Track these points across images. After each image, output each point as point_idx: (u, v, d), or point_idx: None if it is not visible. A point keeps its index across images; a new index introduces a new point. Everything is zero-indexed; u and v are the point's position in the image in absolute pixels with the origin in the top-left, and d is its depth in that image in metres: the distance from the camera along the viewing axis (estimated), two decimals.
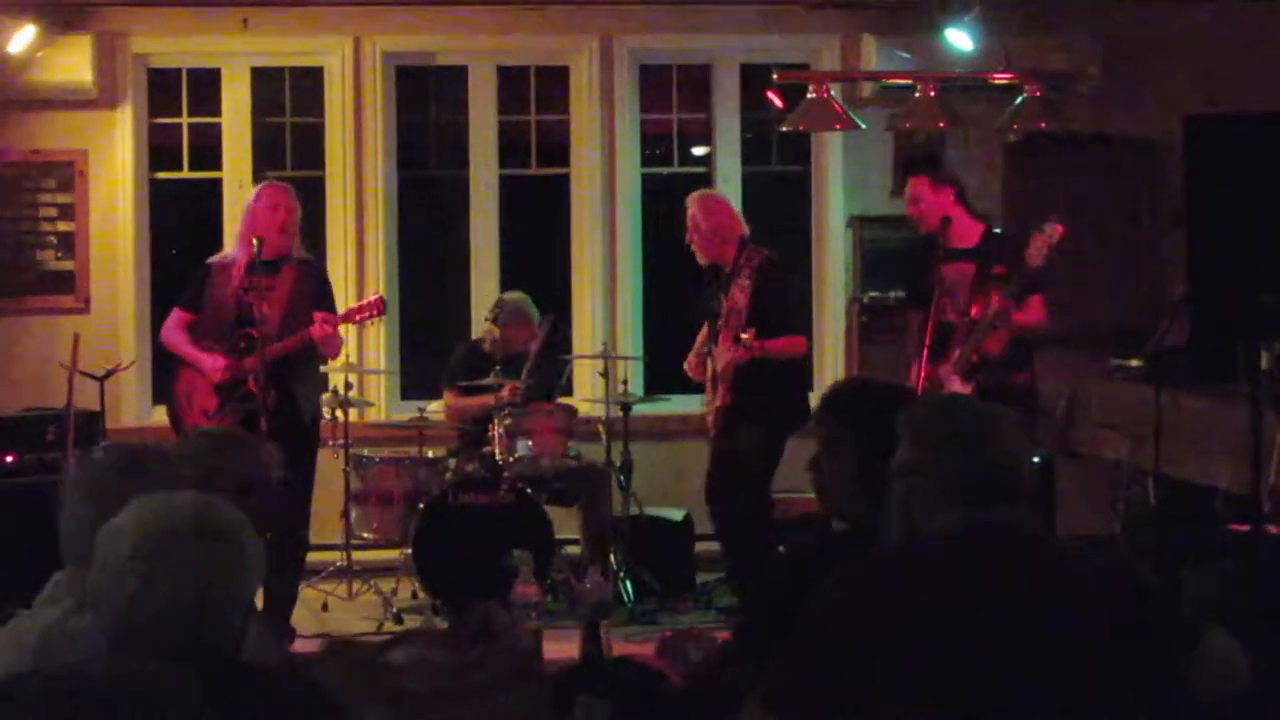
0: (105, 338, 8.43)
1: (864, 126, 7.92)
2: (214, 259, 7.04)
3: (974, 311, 6.77)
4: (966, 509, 2.81)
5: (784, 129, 7.95)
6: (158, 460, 3.14)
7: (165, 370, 7.32)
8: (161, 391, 7.31)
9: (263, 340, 6.69)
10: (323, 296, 6.98)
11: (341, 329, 7.07)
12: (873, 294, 8.82)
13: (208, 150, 8.90)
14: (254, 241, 6.74)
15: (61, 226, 8.68)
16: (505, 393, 7.62)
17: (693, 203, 7.53)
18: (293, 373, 6.82)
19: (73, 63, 8.46)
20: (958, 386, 6.68)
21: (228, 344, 6.83)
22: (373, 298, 7.25)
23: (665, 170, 9.16)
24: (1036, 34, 8.48)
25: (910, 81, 7.92)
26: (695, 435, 8.09)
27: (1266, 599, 3.14)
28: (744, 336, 6.97)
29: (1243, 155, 8.37)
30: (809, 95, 7.59)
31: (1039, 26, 8.50)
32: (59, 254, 8.68)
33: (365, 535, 7.88)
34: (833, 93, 7.67)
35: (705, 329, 7.60)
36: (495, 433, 7.57)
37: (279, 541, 6.42)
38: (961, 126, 8.14)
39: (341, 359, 7.72)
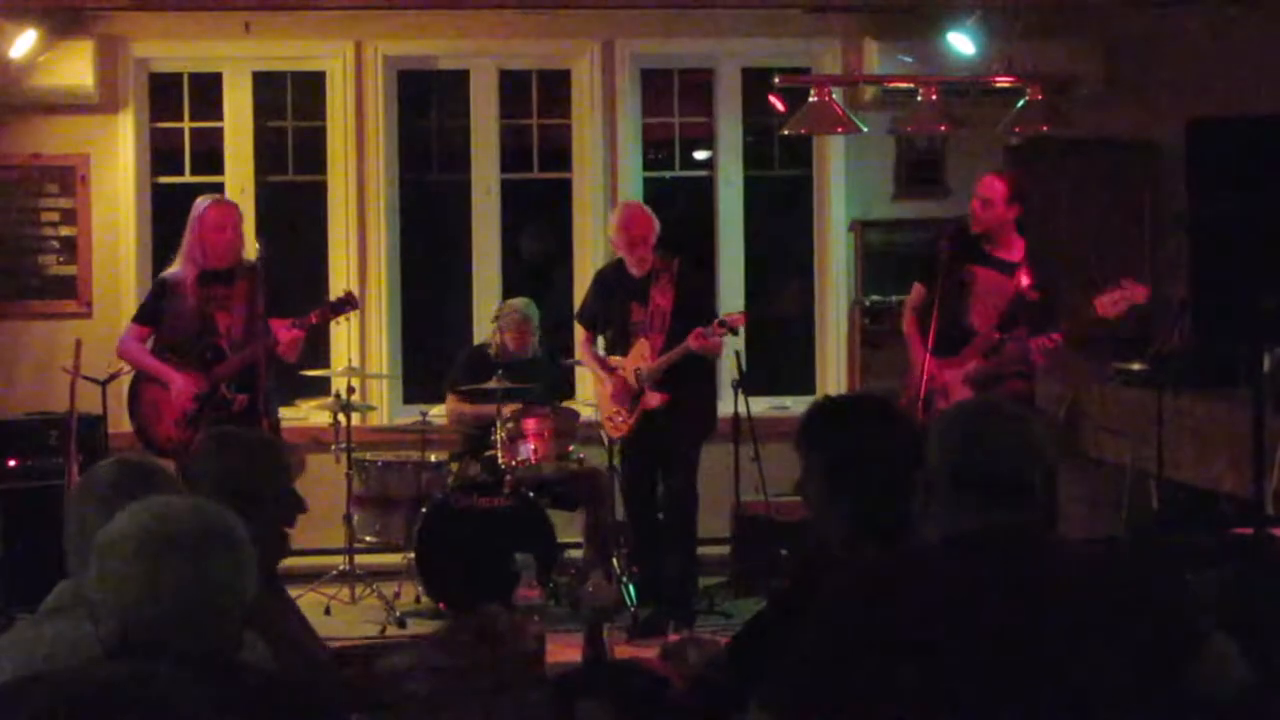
0: (107, 342, 8.38)
1: (866, 130, 7.93)
2: (167, 274, 7.12)
3: (1010, 331, 6.76)
4: (970, 512, 2.81)
5: (786, 132, 7.96)
6: (163, 471, 3.15)
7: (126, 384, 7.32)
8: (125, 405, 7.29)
9: (233, 346, 6.84)
10: (274, 300, 7.03)
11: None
12: (874, 297, 8.82)
13: (209, 155, 8.90)
14: (202, 259, 6.95)
15: (63, 231, 8.68)
16: (506, 412, 7.63)
17: (639, 209, 7.59)
18: (256, 379, 6.90)
19: (74, 67, 8.46)
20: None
21: (193, 356, 6.91)
22: (342, 294, 7.33)
23: (667, 174, 9.17)
24: (1038, 37, 8.46)
25: (912, 85, 7.92)
26: None
27: (1269, 602, 3.13)
28: (733, 319, 7.24)
29: (1245, 158, 8.37)
30: (810, 99, 7.59)
31: (1041, 30, 8.48)
32: (61, 259, 8.68)
33: (368, 539, 7.89)
34: (834, 96, 7.67)
35: (587, 337, 7.74)
36: (497, 437, 7.58)
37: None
38: (963, 130, 8.14)
39: (344, 362, 7.72)
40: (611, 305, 7.60)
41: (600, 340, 7.76)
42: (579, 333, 7.85)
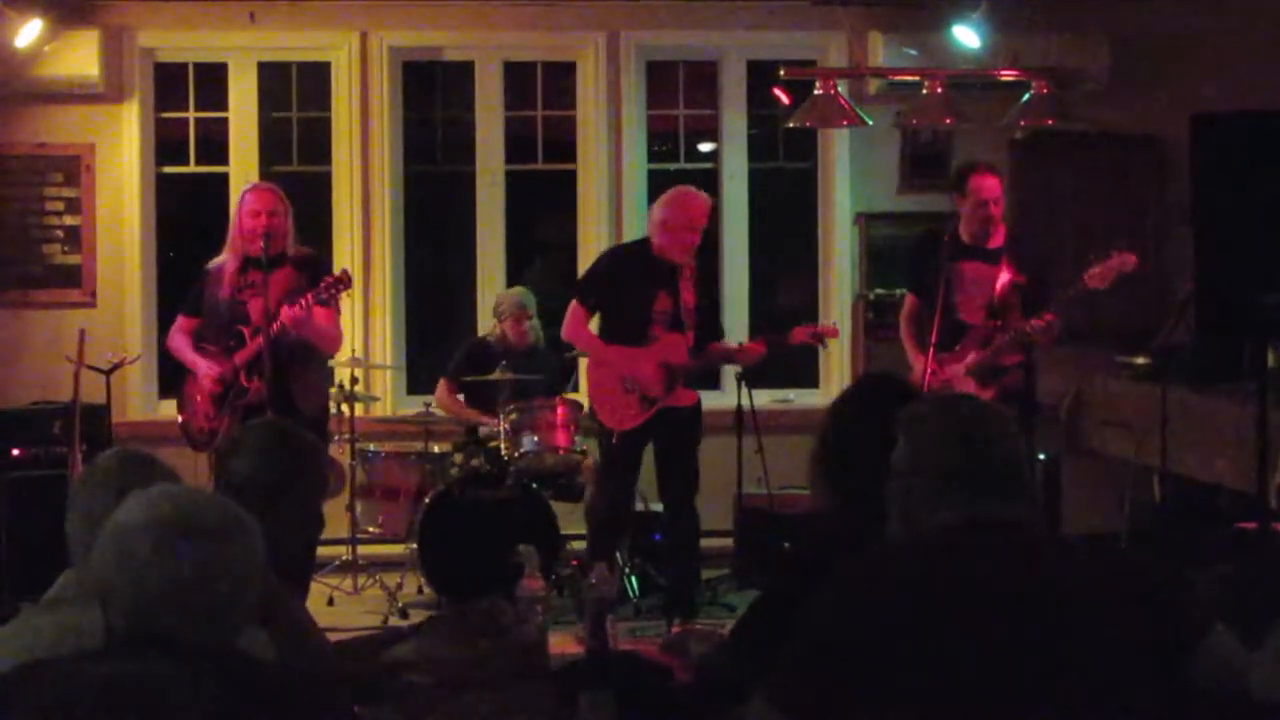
0: (111, 331, 8.44)
1: (871, 123, 7.92)
2: (210, 263, 6.88)
3: (1002, 319, 6.75)
4: (967, 506, 2.81)
5: (790, 125, 7.95)
6: (162, 462, 3.15)
7: (177, 375, 7.14)
8: (174, 396, 7.16)
9: (254, 333, 6.60)
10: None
11: (344, 321, 6.98)
12: (879, 290, 8.82)
13: (214, 145, 8.91)
14: (243, 246, 6.69)
15: (68, 220, 8.69)
16: (510, 403, 7.63)
17: (707, 201, 7.35)
18: (287, 369, 6.62)
19: (80, 57, 8.47)
20: (972, 390, 6.65)
21: (221, 344, 6.77)
22: (337, 272, 6.77)
23: (672, 166, 9.16)
24: (1043, 31, 8.47)
25: (917, 78, 7.92)
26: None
27: (1272, 597, 3.13)
28: (828, 331, 7.31)
29: (1251, 153, 8.34)
30: (815, 92, 7.59)
31: (1046, 23, 8.49)
32: (65, 248, 8.69)
33: (371, 530, 7.90)
34: (839, 89, 7.67)
35: (586, 316, 7.27)
36: (500, 428, 7.58)
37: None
38: (968, 123, 8.13)
39: (347, 353, 7.68)
40: (633, 290, 7.16)
41: (593, 324, 7.38)
42: (577, 311, 7.27)
